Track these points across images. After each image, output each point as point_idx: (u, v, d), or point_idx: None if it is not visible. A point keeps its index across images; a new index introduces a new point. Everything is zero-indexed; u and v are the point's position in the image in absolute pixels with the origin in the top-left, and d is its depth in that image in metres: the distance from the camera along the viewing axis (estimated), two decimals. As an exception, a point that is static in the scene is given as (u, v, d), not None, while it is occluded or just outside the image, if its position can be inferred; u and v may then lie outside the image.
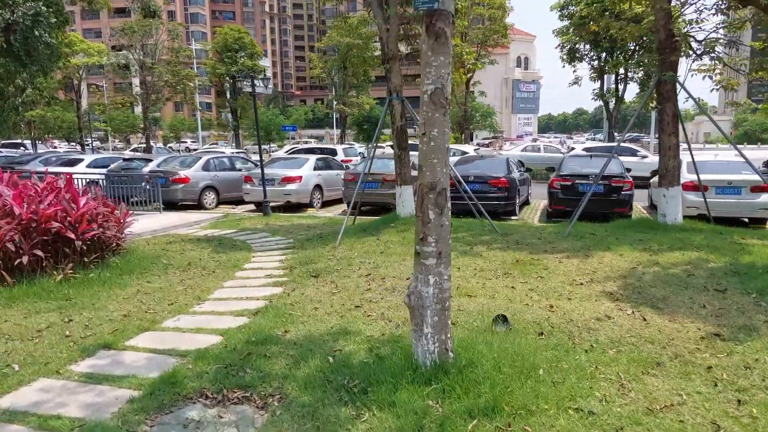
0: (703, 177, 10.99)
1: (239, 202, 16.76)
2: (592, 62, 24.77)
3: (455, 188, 12.43)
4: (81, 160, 18.87)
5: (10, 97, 36.22)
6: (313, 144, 51.77)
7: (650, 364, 3.73)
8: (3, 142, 47.70)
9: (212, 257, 8.22)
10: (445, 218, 3.47)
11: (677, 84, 8.56)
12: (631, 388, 3.40)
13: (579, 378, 3.46)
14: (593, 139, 69.90)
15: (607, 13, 20.37)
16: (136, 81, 40.07)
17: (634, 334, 4.25)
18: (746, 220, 11.38)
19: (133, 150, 43.17)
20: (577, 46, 23.67)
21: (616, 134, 25.82)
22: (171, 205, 16.10)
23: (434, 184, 3.40)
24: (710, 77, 9.62)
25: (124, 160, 18.70)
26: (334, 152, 25.31)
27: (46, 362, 4.04)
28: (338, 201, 17.16)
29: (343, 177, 14.44)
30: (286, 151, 30.81)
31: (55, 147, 46.40)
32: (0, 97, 36.20)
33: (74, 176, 16.23)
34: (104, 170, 18.10)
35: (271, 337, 4.42)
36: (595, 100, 26.29)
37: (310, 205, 15.31)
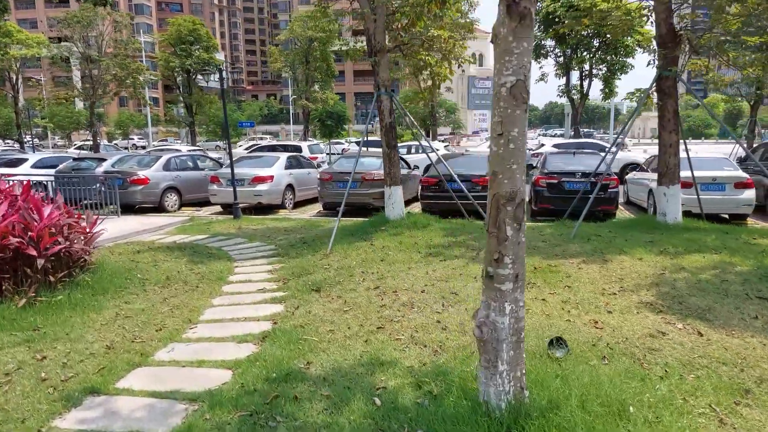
0: (687, 174, 10.96)
1: (203, 203, 15.76)
2: (557, 59, 24.94)
3: (438, 187, 12.02)
4: (25, 160, 17.30)
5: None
6: (269, 140, 50.34)
7: (738, 391, 3.34)
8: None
9: (191, 269, 7.41)
10: (522, 234, 2.94)
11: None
12: (732, 423, 2.98)
13: (673, 414, 3.01)
14: (545, 135, 71.40)
15: (573, 9, 20.43)
16: (78, 74, 37.69)
17: (701, 354, 3.87)
18: (726, 216, 11.45)
19: (78, 148, 40.64)
20: (543, 42, 23.75)
21: (586, 131, 26.26)
22: (128, 209, 14.95)
23: (513, 194, 2.85)
24: (703, 74, 9.54)
25: (75, 159, 17.27)
26: (298, 149, 24.46)
27: (22, 419, 3.26)
28: (310, 201, 16.43)
29: (318, 176, 13.73)
30: (246, 149, 29.62)
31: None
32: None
33: (16, 178, 14.84)
34: (52, 171, 16.68)
35: (294, 372, 3.77)
36: (561, 96, 26.53)
37: (281, 206, 14.51)
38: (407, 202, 14.33)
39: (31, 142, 36.64)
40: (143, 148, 53.14)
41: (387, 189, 9.47)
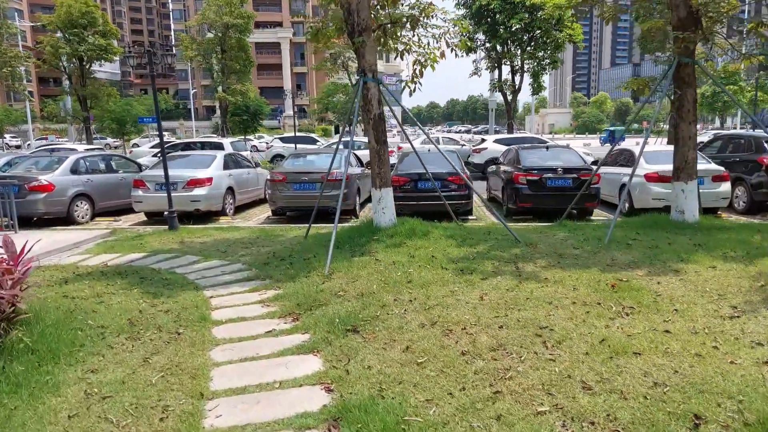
0: (665, 168, 10.67)
1: (120, 212, 13.36)
2: (489, 53, 24.69)
3: (411, 186, 10.83)
4: None
5: None
6: (171, 137, 46.26)
7: None
8: None
9: (154, 306, 5.60)
10: None
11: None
12: None
13: None
14: (449, 131, 72.78)
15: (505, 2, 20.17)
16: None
17: None
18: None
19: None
20: (475, 36, 23.32)
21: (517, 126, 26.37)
22: (25, 222, 12.25)
23: None
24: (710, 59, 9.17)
25: (-52, 162, 13.99)
26: (220, 147, 22.13)
27: None
28: (251, 205, 14.56)
29: (269, 177, 11.97)
30: (154, 146, 26.57)
31: None
32: None
33: None
34: None
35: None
36: (493, 90, 26.38)
37: (222, 212, 12.57)
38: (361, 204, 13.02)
39: None
40: (18, 147, 46.80)
41: (376, 192, 8.09)
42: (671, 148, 12.39)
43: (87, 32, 26.15)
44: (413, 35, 8.30)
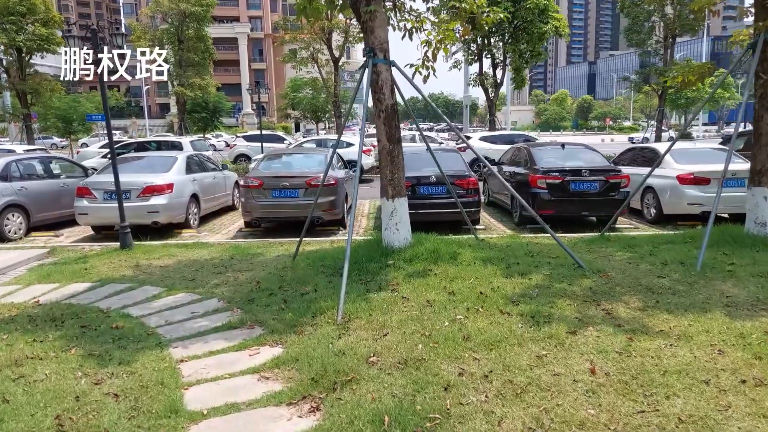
0: (700, 168, 9.49)
1: (62, 224, 11.30)
2: (469, 45, 23.33)
3: (412, 192, 9.27)
4: None
5: None
6: (120, 135, 43.15)
7: None
8: None
9: (99, 383, 3.83)
10: None
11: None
12: None
13: None
14: (410, 129, 71.51)
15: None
16: None
17: None
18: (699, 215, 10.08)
19: None
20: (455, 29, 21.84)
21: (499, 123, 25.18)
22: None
23: None
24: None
25: None
26: (178, 146, 20.02)
27: None
28: (219, 213, 12.70)
29: (242, 183, 10.16)
30: (103, 147, 24.08)
31: None
32: None
33: None
34: None
35: None
36: (474, 85, 25.02)
37: (186, 224, 10.69)
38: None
39: None
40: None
41: (388, 203, 6.47)
42: (703, 145, 11.32)
43: (26, 20, 23.38)
44: (426, 8, 6.74)
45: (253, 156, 22.90)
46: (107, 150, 21.80)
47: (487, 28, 7.09)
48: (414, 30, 6.95)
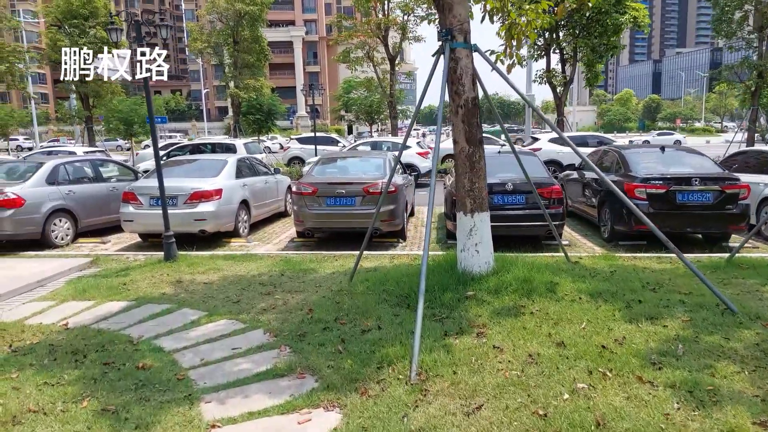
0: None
1: (109, 230, 10.81)
2: (536, 40, 21.82)
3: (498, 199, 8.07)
4: None
5: None
6: (181, 138, 43.84)
7: None
8: None
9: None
10: None
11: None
12: None
13: None
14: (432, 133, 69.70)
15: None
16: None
17: None
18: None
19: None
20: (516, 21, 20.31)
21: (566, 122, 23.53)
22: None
23: None
24: None
25: None
26: (232, 149, 19.59)
27: None
28: (268, 221, 11.93)
29: (294, 189, 9.29)
30: (162, 148, 24.09)
31: None
32: None
33: None
34: None
35: None
36: (540, 83, 23.41)
37: (234, 232, 9.94)
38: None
39: None
40: (30, 149, 44.73)
41: (466, 219, 5.35)
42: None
43: (88, 24, 23.74)
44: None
45: (307, 159, 22.26)
46: (164, 152, 21.74)
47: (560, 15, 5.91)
48: (494, 11, 5.82)
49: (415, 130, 47.21)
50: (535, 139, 18.02)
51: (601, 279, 5.54)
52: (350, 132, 58.06)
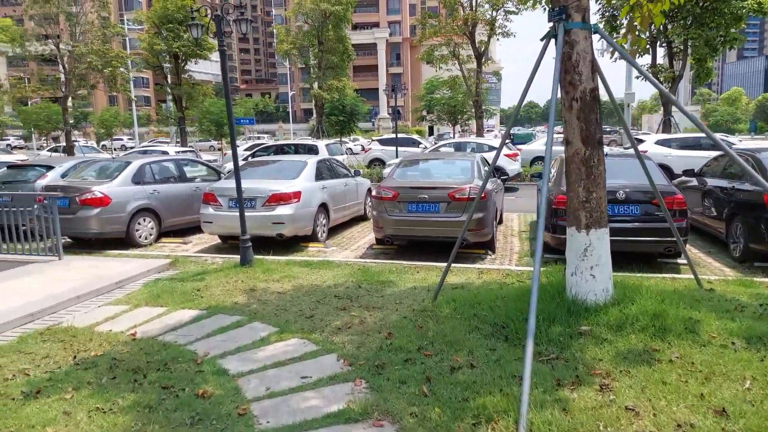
0: None
1: (191, 230, 10.76)
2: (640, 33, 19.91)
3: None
4: (-60, 168, 12.26)
5: None
6: (269, 139, 45.09)
7: None
8: None
9: None
10: None
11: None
12: None
13: None
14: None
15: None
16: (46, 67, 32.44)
17: None
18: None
19: (51, 150, 35.48)
20: (617, 12, 18.60)
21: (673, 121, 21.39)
22: (80, 241, 10.02)
23: None
24: None
25: (10, 167, 12.23)
26: (314, 149, 19.50)
27: None
28: (347, 224, 11.46)
29: (374, 194, 8.70)
30: (248, 150, 24.61)
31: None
32: None
33: None
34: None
35: None
36: (642, 79, 21.32)
37: (312, 236, 9.53)
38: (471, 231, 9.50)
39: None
40: (131, 148, 47.94)
41: (578, 235, 4.44)
42: None
43: (182, 28, 24.76)
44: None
45: (388, 160, 21.76)
46: (249, 153, 22.11)
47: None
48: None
49: (488, 130, 45.01)
50: (639, 141, 16.32)
51: (753, 317, 4.41)
52: (431, 133, 57.22)
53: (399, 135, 24.70)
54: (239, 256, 7.97)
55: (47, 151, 35.00)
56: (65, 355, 4.71)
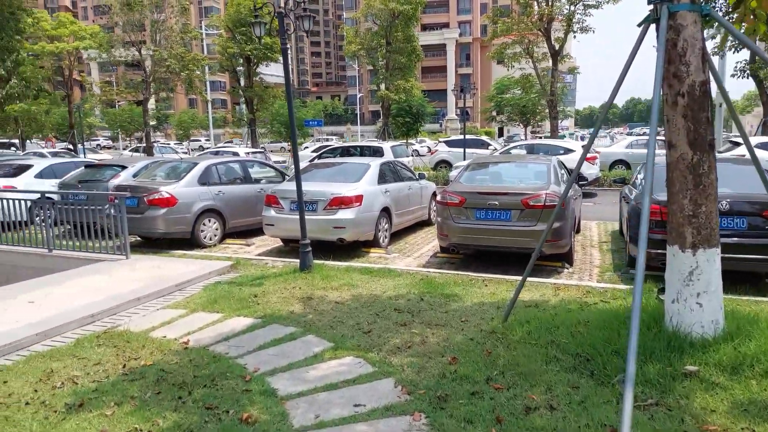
0: None
1: (254, 232, 10.67)
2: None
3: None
4: (28, 167, 12.97)
5: (-9, 89, 30.73)
6: (337, 141, 45.52)
7: None
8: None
9: None
10: None
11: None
12: None
13: None
14: (630, 134, 62.83)
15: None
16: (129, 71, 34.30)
17: None
18: None
19: (133, 150, 37.51)
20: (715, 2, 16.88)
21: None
22: (149, 240, 10.19)
23: None
24: None
25: (87, 167, 12.74)
26: (379, 151, 19.21)
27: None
28: (410, 230, 11.00)
29: (439, 199, 8.18)
30: (314, 152, 24.74)
31: (54, 147, 40.90)
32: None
33: (9, 195, 10.37)
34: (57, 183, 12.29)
35: None
36: (741, 76, 19.42)
37: (374, 241, 9.15)
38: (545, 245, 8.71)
39: (82, 144, 33.58)
40: (206, 149, 49.92)
41: (682, 255, 3.74)
42: None
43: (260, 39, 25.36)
44: None
45: (455, 163, 21.11)
46: (315, 154, 22.19)
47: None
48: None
49: (537, 136, 42.31)
50: (735, 144, 14.77)
51: None
52: (500, 134, 55.69)
53: (468, 136, 23.97)
54: (300, 263, 7.71)
55: (129, 151, 37.01)
56: (116, 362, 4.56)
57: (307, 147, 31.25)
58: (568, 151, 16.26)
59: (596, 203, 14.75)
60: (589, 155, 16.25)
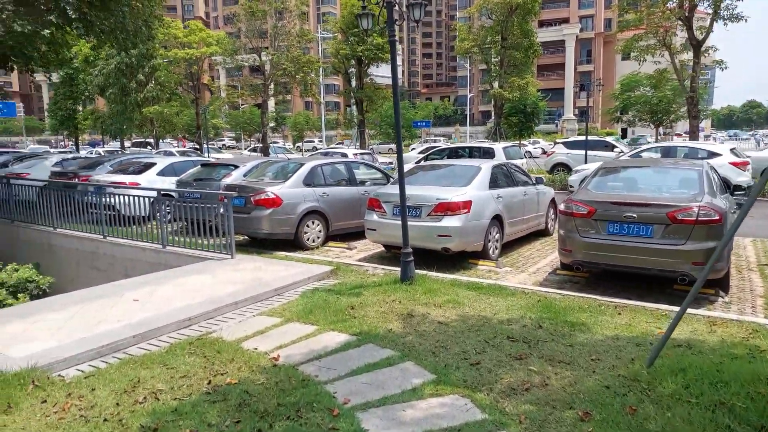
0: None
1: (356, 235, 10.27)
2: None
3: None
4: (153, 164, 13.74)
5: (131, 92, 34.02)
6: (445, 142, 44.75)
7: None
8: (133, 140, 47.15)
9: None
10: None
11: None
12: None
13: None
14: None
15: None
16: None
17: None
18: None
19: (251, 150, 39.60)
20: None
21: None
22: (255, 240, 10.18)
23: None
24: None
25: (203, 165, 13.20)
26: (490, 153, 18.20)
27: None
28: (524, 240, 9.99)
29: (563, 208, 7.14)
30: (421, 153, 24.20)
31: (185, 146, 44.56)
32: (122, 93, 34.18)
33: (133, 192, 10.97)
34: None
35: None
36: None
37: (483, 253, 8.32)
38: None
39: (206, 145, 36.00)
40: (317, 150, 51.67)
41: None
42: None
43: (367, 33, 25.47)
44: None
45: (574, 166, 19.43)
46: (422, 155, 21.66)
47: None
48: None
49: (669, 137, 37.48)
50: None
51: None
52: (624, 135, 51.40)
53: (591, 137, 22.06)
54: (401, 273, 7.12)
55: (248, 151, 39.11)
56: (202, 376, 4.26)
57: (413, 148, 30.89)
58: (712, 154, 14.14)
59: (750, 216, 12.61)
60: (739, 160, 14.03)
